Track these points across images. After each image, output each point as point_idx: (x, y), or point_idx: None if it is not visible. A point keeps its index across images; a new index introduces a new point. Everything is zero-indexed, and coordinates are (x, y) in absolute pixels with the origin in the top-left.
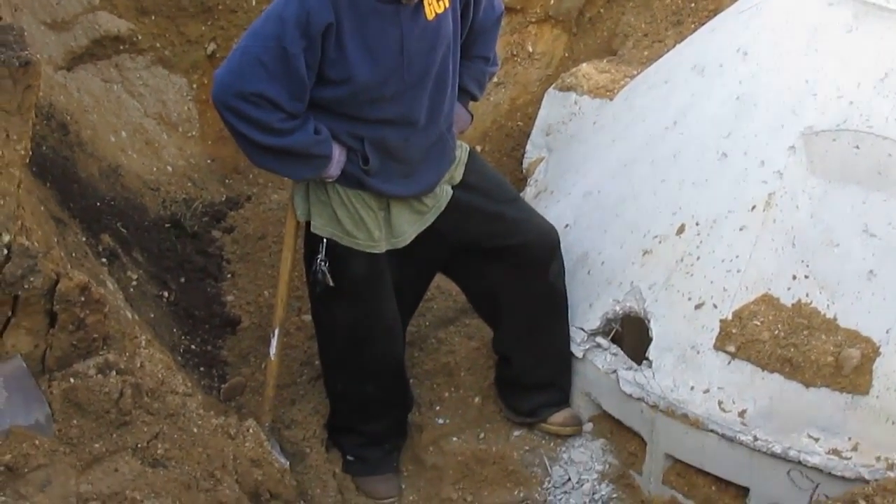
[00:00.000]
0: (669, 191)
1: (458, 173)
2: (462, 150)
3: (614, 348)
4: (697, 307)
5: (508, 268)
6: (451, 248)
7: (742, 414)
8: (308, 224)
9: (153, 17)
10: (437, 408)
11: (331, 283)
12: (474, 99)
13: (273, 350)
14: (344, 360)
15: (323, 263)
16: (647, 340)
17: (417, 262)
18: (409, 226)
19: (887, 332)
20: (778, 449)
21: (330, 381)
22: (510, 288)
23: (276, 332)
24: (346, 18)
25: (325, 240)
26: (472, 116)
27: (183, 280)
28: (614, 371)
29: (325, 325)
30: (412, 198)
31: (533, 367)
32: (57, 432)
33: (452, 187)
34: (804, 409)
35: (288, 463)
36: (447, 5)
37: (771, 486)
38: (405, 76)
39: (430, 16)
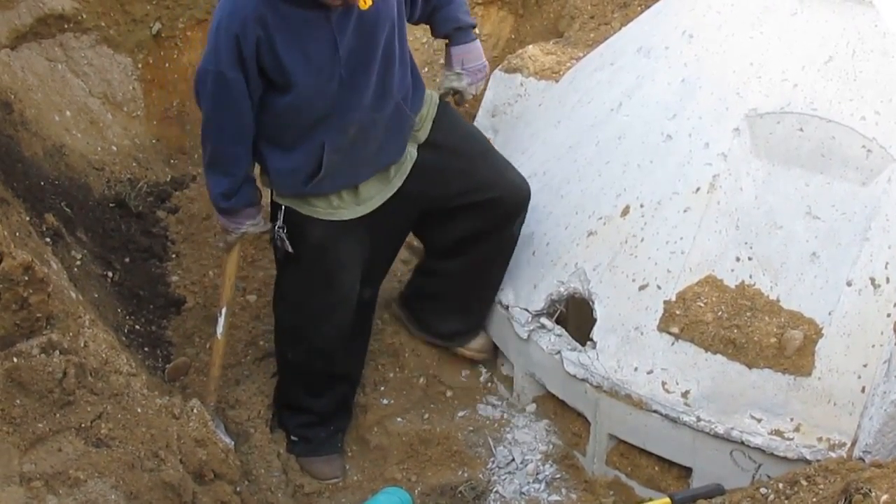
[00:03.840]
0: (614, 172)
1: (423, 133)
2: (430, 106)
3: (558, 329)
4: (641, 288)
5: (476, 222)
6: (420, 208)
7: (685, 395)
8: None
9: None
10: (382, 388)
11: (290, 250)
12: (472, 26)
13: (220, 330)
14: (297, 329)
15: (281, 230)
16: (592, 321)
17: (388, 224)
18: (375, 192)
19: (830, 313)
20: (721, 429)
21: (281, 351)
22: (474, 239)
23: (224, 311)
24: (278, 31)
25: (283, 206)
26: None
27: (127, 260)
28: (558, 352)
29: (283, 291)
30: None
31: (466, 294)
32: (0, 412)
33: (418, 147)
34: (747, 390)
35: (233, 443)
36: None
37: (714, 466)
38: (343, 73)
39: (364, 5)
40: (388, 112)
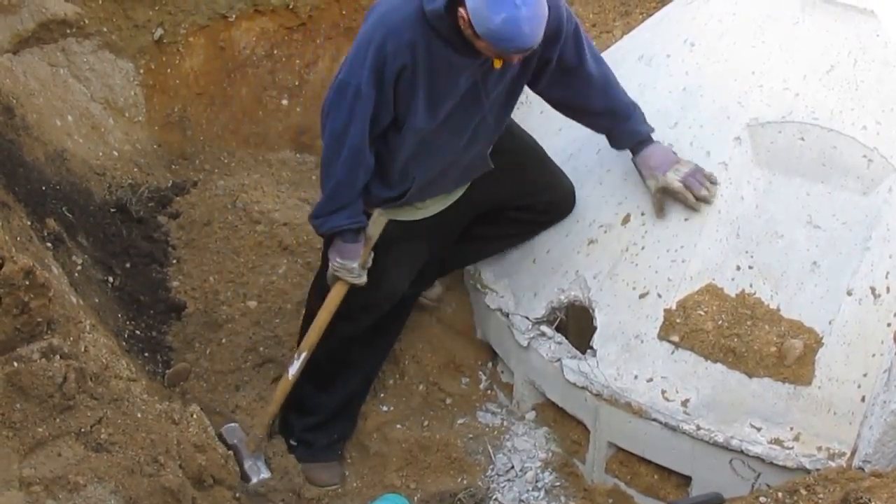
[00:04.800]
0: (615, 180)
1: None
2: None
3: (559, 337)
4: (642, 296)
5: (524, 224)
6: (477, 211)
7: (685, 403)
8: None
9: (100, 1)
10: (382, 395)
11: None
12: (651, 136)
13: (293, 371)
14: (336, 323)
15: None
16: (592, 329)
17: (445, 226)
18: (438, 200)
19: (830, 322)
20: (720, 438)
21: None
22: (510, 235)
23: (304, 355)
24: (423, 63)
25: None
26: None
27: (128, 265)
28: (558, 360)
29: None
30: None
31: (452, 265)
32: (0, 416)
33: None
34: (747, 399)
35: (270, 476)
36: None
37: (713, 475)
38: (458, 125)
39: (497, 64)
40: (473, 154)
